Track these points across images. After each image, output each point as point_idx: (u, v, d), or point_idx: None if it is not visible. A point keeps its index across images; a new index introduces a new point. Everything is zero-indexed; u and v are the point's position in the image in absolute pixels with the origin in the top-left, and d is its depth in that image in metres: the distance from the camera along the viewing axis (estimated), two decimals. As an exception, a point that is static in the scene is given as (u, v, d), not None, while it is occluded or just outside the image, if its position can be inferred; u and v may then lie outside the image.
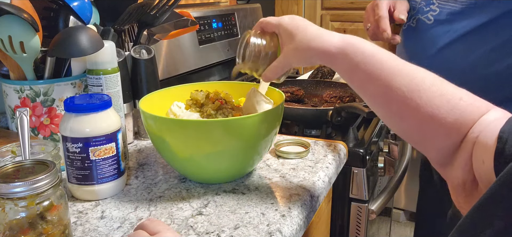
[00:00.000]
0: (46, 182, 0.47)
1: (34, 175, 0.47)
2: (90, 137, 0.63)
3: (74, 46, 0.69)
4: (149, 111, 0.69)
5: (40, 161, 0.51)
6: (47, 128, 0.76)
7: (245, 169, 0.74)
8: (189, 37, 1.35)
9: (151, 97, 0.78)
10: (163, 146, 0.69)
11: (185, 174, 0.75)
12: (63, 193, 0.51)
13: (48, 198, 0.48)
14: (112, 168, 0.67)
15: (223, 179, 0.73)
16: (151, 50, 0.91)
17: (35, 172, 0.48)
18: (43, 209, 0.48)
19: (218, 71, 1.55)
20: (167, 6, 0.87)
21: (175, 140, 0.67)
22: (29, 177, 0.47)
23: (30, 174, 0.48)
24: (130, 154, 0.86)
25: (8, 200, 0.46)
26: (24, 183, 0.46)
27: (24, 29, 0.68)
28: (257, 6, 1.80)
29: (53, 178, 0.48)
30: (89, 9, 0.81)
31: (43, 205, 0.48)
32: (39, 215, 0.48)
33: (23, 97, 0.73)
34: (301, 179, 0.74)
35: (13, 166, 0.50)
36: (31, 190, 0.46)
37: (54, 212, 0.49)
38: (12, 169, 0.49)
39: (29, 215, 0.47)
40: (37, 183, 0.47)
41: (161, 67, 1.22)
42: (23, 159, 0.57)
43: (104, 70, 0.75)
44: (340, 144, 0.90)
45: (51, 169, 0.48)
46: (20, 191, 0.46)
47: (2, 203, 0.46)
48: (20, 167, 0.50)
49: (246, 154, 0.70)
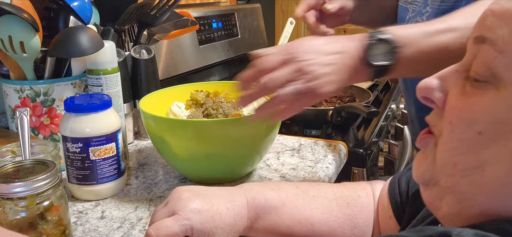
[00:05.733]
0: (46, 182, 0.47)
1: (34, 175, 0.47)
2: (90, 137, 0.63)
3: (74, 46, 0.69)
4: (149, 111, 0.69)
5: (40, 161, 0.51)
6: (47, 128, 0.76)
7: (245, 169, 0.74)
8: (189, 37, 1.35)
9: (151, 97, 0.78)
10: (163, 146, 0.69)
11: (185, 174, 0.74)
12: (63, 193, 0.51)
13: (48, 198, 0.48)
14: (112, 168, 0.67)
15: (223, 179, 0.73)
16: (151, 50, 0.91)
17: (35, 172, 0.48)
18: (43, 209, 0.48)
19: (218, 71, 1.55)
20: (167, 6, 0.87)
21: (175, 140, 0.67)
22: (29, 177, 0.47)
23: (30, 174, 0.48)
24: (130, 154, 0.86)
25: (8, 200, 0.46)
26: (24, 183, 0.46)
27: (24, 29, 0.68)
28: (257, 6, 1.80)
29: (53, 178, 0.48)
30: (89, 9, 0.81)
31: (43, 205, 0.48)
32: (39, 215, 0.48)
33: (23, 97, 0.73)
34: (301, 179, 0.74)
35: (13, 166, 0.50)
36: (31, 190, 0.46)
37: (54, 212, 0.49)
38: (12, 169, 0.49)
39: (29, 215, 0.47)
40: (37, 183, 0.47)
41: (161, 67, 1.22)
42: (23, 159, 0.57)
43: (104, 70, 0.75)
44: (340, 144, 0.90)
45: (51, 169, 0.48)
46: (20, 191, 0.46)
47: (2, 203, 0.46)
48: (20, 167, 0.50)
49: (246, 154, 0.70)
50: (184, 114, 0.75)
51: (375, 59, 0.58)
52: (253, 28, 1.74)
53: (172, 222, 0.47)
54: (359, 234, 0.56)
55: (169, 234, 0.47)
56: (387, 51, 0.58)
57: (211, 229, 0.48)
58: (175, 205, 0.49)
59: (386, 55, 0.58)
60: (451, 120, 0.34)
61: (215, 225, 0.49)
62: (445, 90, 0.35)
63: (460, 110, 0.33)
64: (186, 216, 0.48)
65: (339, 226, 0.55)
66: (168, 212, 0.49)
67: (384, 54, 0.58)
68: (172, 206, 0.49)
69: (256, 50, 0.64)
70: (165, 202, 0.51)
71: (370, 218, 0.57)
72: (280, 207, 0.53)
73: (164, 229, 0.47)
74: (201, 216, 0.48)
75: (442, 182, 0.35)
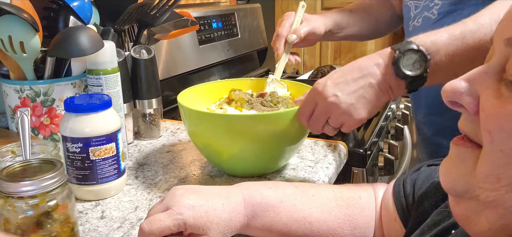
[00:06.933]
0: (54, 181, 0.48)
1: (42, 174, 0.47)
2: (90, 137, 0.63)
3: (74, 46, 0.69)
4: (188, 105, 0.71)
5: (47, 161, 0.51)
6: (47, 128, 0.76)
7: (279, 163, 0.76)
8: (189, 37, 1.35)
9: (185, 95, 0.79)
10: (214, 143, 0.71)
11: (223, 168, 0.77)
12: (70, 192, 0.51)
13: (56, 197, 0.49)
14: (112, 168, 0.67)
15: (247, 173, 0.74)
16: (151, 50, 0.91)
17: (42, 171, 0.49)
18: (51, 208, 0.49)
19: (218, 71, 1.55)
20: (167, 6, 0.87)
21: (229, 137, 0.69)
22: (38, 176, 0.47)
23: (39, 173, 0.48)
24: (130, 154, 0.86)
25: (17, 199, 0.47)
26: (33, 182, 0.46)
27: (24, 29, 0.68)
28: (257, 6, 1.79)
29: (60, 177, 0.49)
30: (89, 9, 0.81)
31: (51, 204, 0.49)
32: (47, 214, 0.48)
33: (23, 97, 0.73)
34: (301, 179, 0.74)
35: (21, 166, 0.50)
36: (40, 189, 0.47)
37: (62, 210, 0.50)
38: (20, 168, 0.50)
39: (37, 214, 0.48)
40: (46, 182, 0.47)
41: (161, 67, 1.22)
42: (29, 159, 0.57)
43: (104, 70, 0.75)
44: (340, 144, 0.90)
45: (58, 168, 0.49)
46: (28, 190, 0.46)
47: (12, 203, 0.47)
48: (27, 166, 0.51)
49: (289, 147, 0.73)
50: (232, 111, 0.76)
51: (408, 69, 0.58)
52: (253, 28, 1.74)
53: (164, 216, 0.48)
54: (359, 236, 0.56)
55: (161, 227, 0.47)
56: (416, 60, 0.58)
57: (205, 224, 0.48)
58: (169, 201, 0.50)
59: (416, 64, 0.58)
60: (490, 129, 0.31)
61: (210, 220, 0.49)
62: (475, 94, 0.33)
63: (498, 117, 0.31)
64: (179, 211, 0.48)
65: (339, 226, 0.55)
66: (163, 208, 0.50)
67: (414, 64, 0.58)
68: (167, 202, 0.50)
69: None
70: (161, 199, 0.52)
71: (371, 220, 0.57)
72: (277, 205, 0.54)
73: (156, 223, 0.47)
74: (194, 211, 0.48)
75: (483, 197, 0.32)
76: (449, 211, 0.43)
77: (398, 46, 0.59)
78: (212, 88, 0.87)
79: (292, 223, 0.54)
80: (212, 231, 0.49)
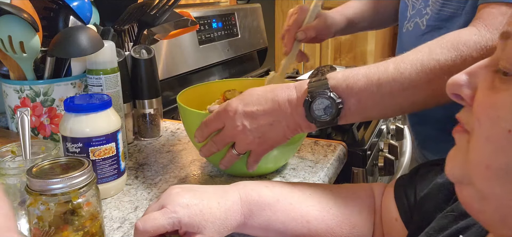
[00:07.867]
0: (85, 177, 0.49)
1: (73, 171, 0.48)
2: (90, 137, 0.63)
3: (74, 46, 0.69)
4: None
5: (74, 159, 0.52)
6: (47, 128, 0.76)
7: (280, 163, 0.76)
8: (189, 37, 1.35)
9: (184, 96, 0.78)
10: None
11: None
12: (97, 189, 0.52)
13: (85, 194, 0.49)
14: (112, 168, 0.67)
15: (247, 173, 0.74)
16: (151, 50, 0.91)
17: (72, 168, 0.49)
18: (79, 205, 0.49)
19: (218, 71, 1.55)
20: (167, 6, 0.87)
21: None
22: (69, 173, 0.48)
23: (70, 169, 0.49)
24: (130, 154, 0.86)
25: (50, 197, 0.47)
26: (63, 179, 0.47)
27: (24, 29, 0.68)
28: (257, 6, 1.80)
29: (89, 174, 0.50)
30: (89, 9, 0.81)
31: (81, 200, 0.49)
32: (77, 210, 0.49)
33: (23, 97, 0.73)
34: (301, 179, 0.74)
35: (49, 163, 0.51)
36: (72, 186, 0.48)
37: (90, 207, 0.50)
38: (48, 166, 0.51)
39: (66, 211, 0.48)
40: (77, 179, 0.48)
41: (161, 67, 1.22)
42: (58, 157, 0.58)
43: (104, 70, 0.75)
44: (340, 144, 0.90)
45: (87, 166, 0.50)
46: (61, 187, 0.47)
47: (45, 201, 0.47)
48: (54, 164, 0.51)
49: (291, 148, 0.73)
50: None
51: (318, 113, 0.58)
52: (253, 28, 1.74)
53: (159, 215, 0.48)
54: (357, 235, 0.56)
55: (156, 226, 0.47)
56: (328, 106, 0.57)
57: (200, 222, 0.49)
58: (164, 200, 0.50)
59: (327, 110, 0.57)
60: (479, 117, 0.32)
61: (205, 219, 0.49)
62: (474, 86, 0.34)
63: (486, 106, 0.32)
64: (173, 209, 0.48)
65: (337, 225, 0.55)
66: (158, 206, 0.50)
67: (325, 109, 0.57)
68: (162, 201, 0.50)
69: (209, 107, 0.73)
70: (158, 198, 0.52)
71: (370, 219, 0.57)
72: (274, 203, 0.54)
73: (151, 221, 0.47)
74: (189, 210, 0.48)
75: (478, 185, 0.33)
76: (454, 215, 0.43)
77: (312, 86, 0.58)
78: (211, 88, 0.87)
79: (289, 221, 0.54)
80: (207, 230, 0.49)
